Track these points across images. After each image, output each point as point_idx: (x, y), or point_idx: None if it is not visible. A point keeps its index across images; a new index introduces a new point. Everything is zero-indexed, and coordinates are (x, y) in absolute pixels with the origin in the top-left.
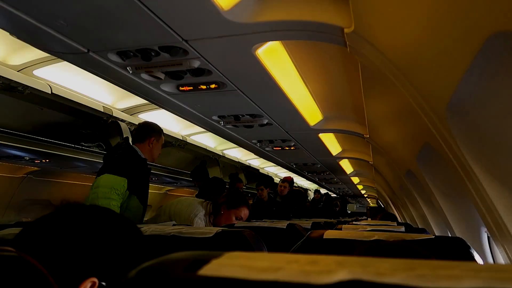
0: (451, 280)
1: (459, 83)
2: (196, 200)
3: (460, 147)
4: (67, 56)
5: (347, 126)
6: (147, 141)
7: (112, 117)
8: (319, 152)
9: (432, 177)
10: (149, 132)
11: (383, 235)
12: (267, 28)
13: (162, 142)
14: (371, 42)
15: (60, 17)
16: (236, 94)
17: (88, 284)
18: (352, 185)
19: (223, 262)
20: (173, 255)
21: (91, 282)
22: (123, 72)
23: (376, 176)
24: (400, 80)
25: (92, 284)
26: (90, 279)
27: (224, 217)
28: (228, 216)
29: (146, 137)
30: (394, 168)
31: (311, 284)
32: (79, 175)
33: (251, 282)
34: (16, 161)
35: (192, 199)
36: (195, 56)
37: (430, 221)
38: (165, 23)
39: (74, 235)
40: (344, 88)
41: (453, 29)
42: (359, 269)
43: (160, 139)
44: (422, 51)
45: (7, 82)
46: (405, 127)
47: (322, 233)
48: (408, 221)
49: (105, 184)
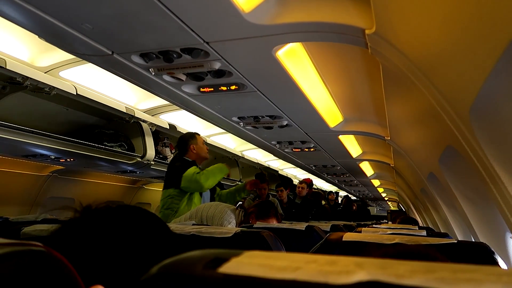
0: (471, 284)
1: (484, 84)
2: (229, 207)
3: (484, 150)
4: (92, 58)
5: (368, 128)
6: (189, 149)
7: (134, 118)
8: (338, 154)
9: (455, 180)
10: (186, 142)
11: (404, 238)
12: (288, 29)
13: (201, 141)
14: (393, 43)
15: (86, 20)
16: (256, 95)
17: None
18: (372, 188)
19: (242, 260)
20: (193, 252)
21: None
22: (146, 73)
23: (397, 179)
24: (422, 82)
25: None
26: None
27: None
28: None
29: (187, 147)
30: (415, 171)
31: (329, 284)
32: (102, 174)
33: (270, 281)
34: (43, 159)
35: (225, 205)
36: (216, 57)
37: (452, 226)
38: (187, 25)
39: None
40: (365, 89)
41: (477, 28)
42: (378, 270)
43: (197, 141)
44: (445, 52)
45: (35, 83)
46: (427, 129)
47: (342, 235)
48: (430, 225)
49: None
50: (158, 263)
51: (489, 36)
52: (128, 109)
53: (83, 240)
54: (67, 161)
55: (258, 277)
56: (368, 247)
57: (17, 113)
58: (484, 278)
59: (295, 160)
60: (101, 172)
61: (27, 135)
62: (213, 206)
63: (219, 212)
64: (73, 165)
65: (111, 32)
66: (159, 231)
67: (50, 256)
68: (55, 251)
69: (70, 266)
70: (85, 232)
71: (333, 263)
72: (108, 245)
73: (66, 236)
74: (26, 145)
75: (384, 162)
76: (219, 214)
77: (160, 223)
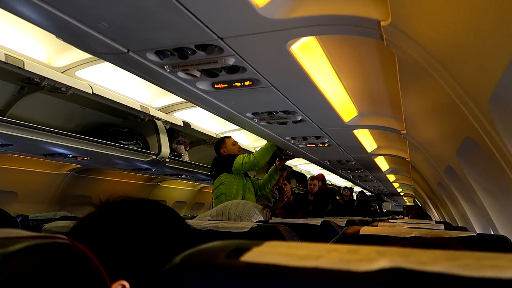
0: (495, 270)
1: (504, 73)
2: (256, 207)
3: (504, 141)
4: (108, 56)
5: (383, 122)
6: (221, 152)
7: (148, 116)
8: (353, 149)
9: (473, 173)
10: (217, 148)
11: (422, 231)
12: (302, 23)
13: (231, 142)
14: (409, 34)
15: (102, 19)
16: (270, 90)
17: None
18: (387, 183)
19: (264, 250)
20: (214, 243)
21: (120, 285)
22: (161, 71)
23: (413, 173)
24: (439, 73)
25: (122, 287)
26: (120, 282)
27: None
28: None
29: (219, 150)
30: (432, 164)
31: (352, 271)
32: (119, 172)
33: (292, 269)
34: (60, 158)
35: (252, 204)
36: (230, 53)
37: (471, 220)
38: (201, 21)
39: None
40: (380, 83)
41: (495, 16)
42: (400, 258)
43: (226, 144)
44: (463, 42)
45: (52, 84)
46: (445, 122)
47: (358, 229)
48: (447, 220)
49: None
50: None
51: (508, 24)
52: (142, 107)
53: (102, 233)
54: (84, 159)
55: (280, 265)
56: (385, 240)
57: (36, 113)
58: (509, 264)
59: (310, 155)
60: (117, 170)
61: (45, 135)
62: (240, 205)
63: (247, 211)
64: (90, 164)
65: (126, 30)
66: (175, 223)
67: (75, 248)
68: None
69: (93, 258)
70: (103, 225)
71: (354, 252)
72: (126, 237)
73: (85, 230)
74: (45, 144)
75: (399, 156)
76: (247, 213)
77: (176, 216)
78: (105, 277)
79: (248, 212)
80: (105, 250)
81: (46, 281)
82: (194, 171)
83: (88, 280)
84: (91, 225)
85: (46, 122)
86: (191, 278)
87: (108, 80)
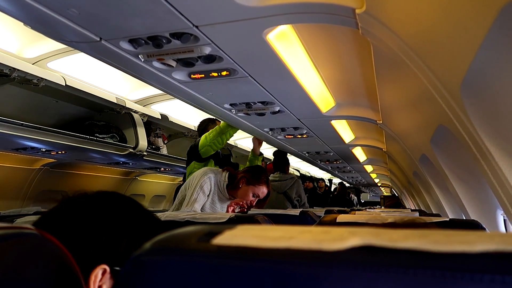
0: (464, 245)
1: (474, 58)
2: (211, 169)
3: (475, 126)
4: (80, 45)
5: (360, 112)
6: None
7: (125, 108)
8: (331, 140)
9: (446, 160)
10: (205, 128)
11: (397, 218)
12: (278, 11)
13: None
14: (384, 22)
15: (71, 5)
16: (247, 81)
17: (99, 271)
18: (365, 174)
19: (236, 233)
20: (186, 228)
21: (102, 269)
22: (135, 60)
23: (390, 163)
24: (413, 61)
25: (103, 271)
26: (101, 266)
27: (242, 192)
28: (245, 191)
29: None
30: (408, 154)
31: (323, 250)
32: (96, 166)
33: (265, 250)
34: (33, 153)
35: (205, 168)
36: (206, 42)
37: (444, 207)
38: (176, 8)
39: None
40: (357, 73)
41: (466, 2)
42: (371, 236)
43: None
44: (436, 29)
45: (23, 75)
46: (419, 110)
47: (335, 217)
48: (423, 208)
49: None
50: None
51: (478, 9)
52: (119, 100)
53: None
54: (58, 153)
55: (252, 247)
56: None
57: (6, 107)
58: (477, 240)
59: (288, 147)
60: (93, 164)
61: (16, 128)
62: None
63: (197, 177)
64: (65, 158)
65: (98, 17)
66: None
67: (42, 238)
68: (47, 234)
69: (63, 247)
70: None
71: (327, 232)
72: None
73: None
74: (16, 138)
75: (376, 147)
76: (197, 179)
77: (137, 206)
78: (75, 265)
79: (198, 178)
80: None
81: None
82: (173, 165)
83: (57, 269)
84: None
85: (17, 115)
86: (162, 263)
87: (83, 71)
